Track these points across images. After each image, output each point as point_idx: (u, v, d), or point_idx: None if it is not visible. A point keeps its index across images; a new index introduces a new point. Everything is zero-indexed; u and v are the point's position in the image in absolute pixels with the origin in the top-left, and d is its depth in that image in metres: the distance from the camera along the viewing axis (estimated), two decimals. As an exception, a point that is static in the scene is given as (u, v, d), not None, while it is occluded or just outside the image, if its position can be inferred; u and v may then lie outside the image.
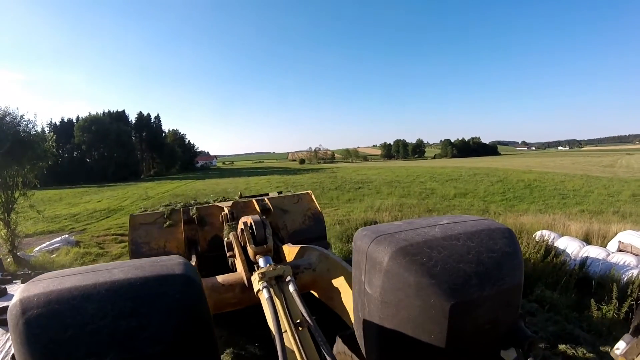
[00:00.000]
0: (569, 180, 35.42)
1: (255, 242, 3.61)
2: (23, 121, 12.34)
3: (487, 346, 1.73)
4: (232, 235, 4.22)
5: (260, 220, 3.76)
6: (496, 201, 24.89)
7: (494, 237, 1.77)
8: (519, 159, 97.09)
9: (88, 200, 35.39)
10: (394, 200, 24.40)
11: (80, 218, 23.51)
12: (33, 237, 17.40)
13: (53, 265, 11.83)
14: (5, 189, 12.04)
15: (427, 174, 47.63)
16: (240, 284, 3.49)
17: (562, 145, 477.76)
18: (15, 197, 12.39)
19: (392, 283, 1.62)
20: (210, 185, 45.14)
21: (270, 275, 2.94)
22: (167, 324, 1.45)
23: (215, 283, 3.54)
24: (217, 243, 5.89)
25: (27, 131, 12.41)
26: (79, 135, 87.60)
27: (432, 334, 1.57)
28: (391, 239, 1.72)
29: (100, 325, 1.35)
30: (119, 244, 15.08)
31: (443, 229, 1.80)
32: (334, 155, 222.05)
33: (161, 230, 6.11)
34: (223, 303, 3.47)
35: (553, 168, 51.96)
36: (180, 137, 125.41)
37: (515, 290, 1.73)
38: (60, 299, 1.36)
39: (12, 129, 11.80)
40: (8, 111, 12.00)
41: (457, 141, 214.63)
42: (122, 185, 58.79)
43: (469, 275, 1.59)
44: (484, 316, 1.63)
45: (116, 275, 1.50)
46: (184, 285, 1.55)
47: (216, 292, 3.44)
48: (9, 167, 11.83)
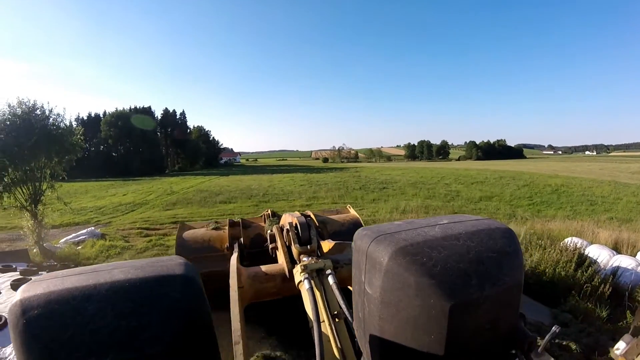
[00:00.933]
0: (597, 186, 34.87)
1: (300, 242, 3.79)
2: (52, 115, 12.47)
3: (487, 346, 1.71)
4: (275, 228, 4.46)
5: (305, 222, 3.95)
6: (523, 205, 24.60)
7: (494, 237, 1.75)
8: (545, 163, 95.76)
9: (113, 194, 35.89)
10: (419, 201, 24.25)
11: (106, 211, 23.85)
12: (59, 229, 17.69)
13: (79, 257, 11.90)
14: (32, 180, 12.16)
15: (451, 175, 47.22)
16: (281, 275, 3.66)
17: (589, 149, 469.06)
18: (42, 189, 12.52)
19: (392, 283, 1.61)
20: (233, 181, 45.34)
21: (312, 267, 3.11)
22: (167, 324, 1.45)
23: (258, 272, 3.75)
24: (259, 240, 6.18)
25: (56, 125, 12.54)
26: (106, 129, 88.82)
27: (432, 334, 1.55)
28: (391, 239, 1.70)
29: (100, 325, 1.35)
30: (144, 238, 15.17)
31: (443, 229, 1.78)
32: (357, 154, 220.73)
33: (207, 231, 6.53)
34: (263, 292, 3.66)
35: (580, 173, 51.07)
36: (204, 133, 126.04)
37: (515, 290, 1.71)
38: (60, 299, 1.36)
39: (40, 122, 11.92)
40: (37, 105, 12.11)
41: (482, 143, 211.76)
42: (147, 179, 59.49)
43: (469, 275, 1.57)
44: (484, 316, 1.61)
45: (116, 275, 1.51)
46: (184, 285, 1.56)
47: (257, 281, 3.65)
48: (37, 159, 11.97)
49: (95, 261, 11.53)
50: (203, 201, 26.52)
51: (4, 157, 11.13)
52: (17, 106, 11.63)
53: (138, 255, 12.45)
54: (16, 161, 11.40)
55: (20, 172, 11.72)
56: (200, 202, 26.01)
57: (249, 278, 3.70)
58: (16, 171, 11.64)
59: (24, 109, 11.70)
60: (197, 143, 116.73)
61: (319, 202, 25.55)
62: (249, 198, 27.87)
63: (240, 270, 3.76)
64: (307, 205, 23.93)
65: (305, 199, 26.99)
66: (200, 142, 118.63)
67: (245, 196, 28.83)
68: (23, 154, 11.37)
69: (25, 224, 12.25)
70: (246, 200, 26.68)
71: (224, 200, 26.90)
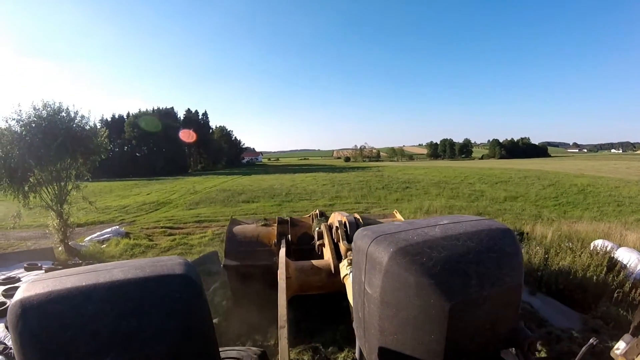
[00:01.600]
0: (624, 186, 34.08)
1: (349, 240, 3.84)
2: (77, 117, 12.58)
3: (487, 346, 1.72)
4: (324, 226, 4.58)
5: (354, 221, 4.10)
6: (548, 206, 24.21)
7: (494, 237, 1.77)
8: (570, 162, 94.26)
9: (137, 193, 36.44)
10: (443, 201, 24.03)
11: (130, 210, 24.17)
12: (84, 227, 18.02)
13: (103, 255, 12.06)
14: (58, 181, 12.31)
15: (475, 175, 46.66)
16: (327, 270, 3.81)
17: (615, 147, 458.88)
18: (68, 189, 12.67)
19: (392, 283, 1.63)
20: (256, 181, 45.51)
21: None
22: (167, 324, 1.46)
23: (304, 265, 3.92)
24: (307, 238, 6.31)
25: (81, 126, 12.66)
26: (129, 130, 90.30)
27: (432, 334, 1.57)
28: (391, 239, 1.72)
29: (100, 325, 1.36)
30: (168, 237, 15.30)
31: (443, 229, 1.80)
32: (379, 153, 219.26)
33: (256, 227, 6.80)
34: (309, 285, 3.80)
35: (606, 172, 49.99)
36: (227, 133, 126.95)
37: (515, 290, 1.73)
38: (60, 299, 1.36)
39: (65, 124, 12.02)
40: (62, 107, 12.23)
41: (505, 141, 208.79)
42: (170, 179, 60.12)
43: (469, 275, 1.59)
44: (484, 316, 1.63)
45: (116, 275, 1.50)
46: (184, 285, 1.56)
47: (304, 274, 3.81)
48: (63, 160, 12.10)
49: (119, 259, 11.57)
50: (226, 200, 26.65)
51: (29, 158, 11.27)
52: (42, 108, 11.76)
53: (162, 254, 12.51)
54: (42, 162, 11.52)
55: (46, 172, 11.86)
56: (223, 202, 26.14)
57: (296, 270, 3.84)
58: (42, 172, 11.78)
59: (48, 111, 11.82)
60: (219, 143, 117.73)
61: (342, 201, 25.41)
62: (272, 197, 27.91)
63: (288, 263, 3.86)
64: (330, 205, 23.80)
65: (328, 198, 26.88)
66: (222, 142, 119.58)
67: (267, 196, 28.87)
68: (49, 155, 11.47)
69: (51, 223, 12.44)
70: (269, 200, 26.71)
71: (246, 199, 26.99)
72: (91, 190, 36.33)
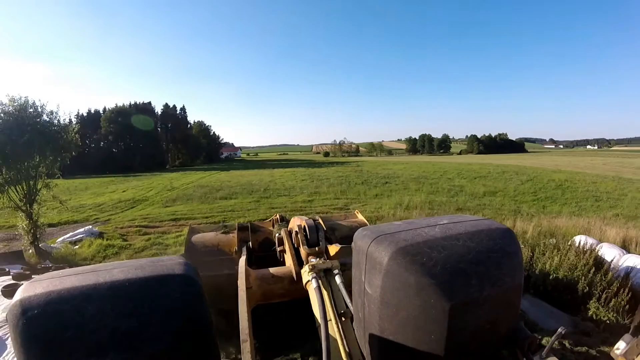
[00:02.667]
0: (601, 181, 34.75)
1: (308, 244, 3.81)
2: (45, 112, 12.13)
3: (487, 346, 1.73)
4: (284, 231, 4.42)
5: (314, 225, 3.99)
6: (527, 201, 24.46)
7: (494, 237, 1.77)
8: (548, 157, 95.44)
9: (113, 190, 35.61)
10: (423, 197, 24.02)
11: (105, 208, 23.60)
12: (57, 227, 17.55)
13: (75, 257, 11.67)
14: (27, 179, 11.82)
15: (454, 170, 46.94)
16: (289, 277, 3.72)
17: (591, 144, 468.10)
18: (37, 188, 12.18)
19: (392, 283, 1.63)
20: (234, 177, 45.04)
21: (319, 267, 3.12)
22: (167, 323, 1.46)
23: (265, 274, 3.81)
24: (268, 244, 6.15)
25: (50, 122, 12.21)
26: (106, 126, 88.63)
27: (432, 334, 1.57)
28: (391, 239, 1.72)
29: (100, 325, 1.36)
30: (143, 237, 14.94)
31: (443, 229, 1.80)
32: (358, 148, 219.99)
33: (216, 235, 6.54)
34: (271, 293, 3.72)
35: (583, 168, 50.86)
36: (205, 128, 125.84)
37: (515, 290, 1.74)
38: (60, 299, 1.36)
39: (32, 119, 11.57)
40: (29, 102, 11.75)
41: (483, 137, 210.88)
42: (147, 175, 59.29)
43: (469, 275, 1.59)
44: (484, 316, 1.63)
45: (116, 275, 1.50)
46: (184, 285, 1.57)
47: (266, 283, 3.71)
48: (31, 158, 11.64)
49: (92, 262, 11.27)
50: (203, 197, 26.17)
51: (-5, 156, 10.81)
52: (8, 104, 11.30)
53: (136, 255, 12.19)
54: (9, 160, 11.08)
55: (13, 171, 11.39)
56: (201, 198, 25.66)
57: (257, 279, 3.76)
58: (9, 170, 11.31)
59: (15, 107, 11.36)
60: (198, 138, 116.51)
61: (321, 197, 25.18)
62: (250, 194, 27.52)
63: (248, 272, 3.79)
64: (309, 200, 23.63)
65: (307, 194, 26.61)
66: (200, 138, 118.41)
67: (246, 192, 28.49)
68: (16, 153, 11.04)
69: (20, 224, 11.95)
70: (247, 196, 26.31)
71: (224, 196, 26.57)
72: (66, 188, 35.65)
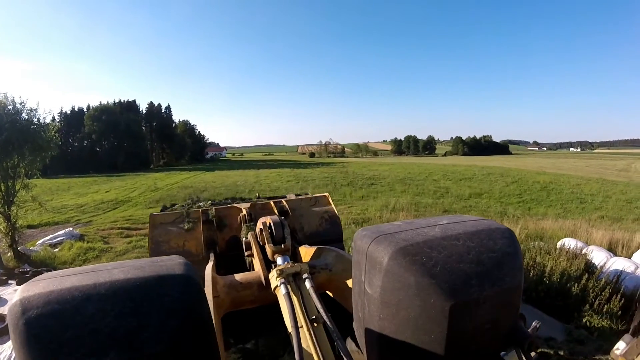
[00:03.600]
0: (585, 183, 35.40)
1: (274, 241, 3.74)
2: (24, 110, 11.79)
3: (487, 346, 1.72)
4: (251, 235, 4.29)
5: (279, 221, 3.92)
6: (513, 203, 24.70)
7: (494, 237, 1.77)
8: (531, 159, 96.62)
9: (96, 190, 35.16)
10: (409, 198, 24.08)
11: (87, 209, 23.24)
12: (37, 229, 17.16)
13: (55, 261, 11.37)
14: (5, 180, 11.47)
15: (439, 171, 47.22)
16: (257, 283, 3.59)
17: (574, 146, 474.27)
18: (16, 189, 11.82)
19: (392, 283, 1.63)
20: (219, 177, 44.81)
21: (288, 272, 3.01)
22: (167, 324, 1.45)
23: (233, 281, 3.66)
24: (235, 243, 5.97)
25: (29, 120, 11.85)
26: (89, 124, 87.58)
27: (432, 334, 1.57)
28: (391, 239, 1.71)
29: (100, 325, 1.34)
30: (125, 239, 14.65)
31: (443, 229, 1.80)
32: (344, 149, 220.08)
33: (180, 230, 6.19)
34: (240, 300, 3.58)
35: (567, 170, 51.81)
36: (190, 127, 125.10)
37: (515, 290, 1.72)
38: (60, 299, 1.36)
39: (11, 117, 11.23)
40: (8, 98, 11.42)
41: (468, 139, 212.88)
42: (131, 175, 58.65)
43: (469, 276, 1.59)
44: (484, 316, 1.62)
45: (116, 275, 1.50)
46: (184, 285, 1.55)
47: (234, 290, 3.57)
48: (9, 157, 11.29)
49: (71, 265, 10.98)
50: (188, 198, 25.64)
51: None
52: None
53: (117, 258, 11.92)
54: (-15, 161, 10.68)
55: (-11, 171, 11.00)
56: (185, 200, 25.15)
57: (225, 286, 3.61)
58: (-15, 171, 10.91)
59: None
60: (183, 138, 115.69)
61: (306, 199, 24.79)
62: (235, 195, 27.19)
63: (215, 280, 3.63)
64: (294, 202, 23.23)
65: (293, 195, 26.18)
66: (185, 137, 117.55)
67: (231, 193, 28.08)
68: (-7, 153, 10.65)
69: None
70: (232, 198, 25.83)
71: (209, 197, 25.98)
72: (48, 188, 35.12)
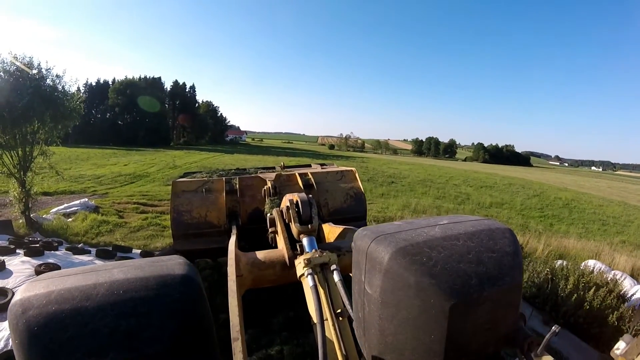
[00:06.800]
0: (607, 205, 34.80)
1: (301, 221, 3.59)
2: (50, 76, 11.54)
3: (487, 346, 1.67)
4: (276, 212, 4.14)
5: (307, 199, 3.73)
6: (534, 217, 24.28)
7: (494, 237, 1.74)
8: (552, 174, 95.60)
9: (115, 163, 35.27)
10: (429, 201, 23.80)
11: (104, 181, 23.21)
12: (52, 197, 17.14)
13: (67, 232, 11.15)
14: (24, 145, 11.24)
15: (460, 176, 46.66)
16: (281, 262, 3.52)
17: (596, 165, 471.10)
18: (33, 156, 11.61)
19: (392, 283, 1.60)
20: (238, 160, 44.72)
21: (315, 262, 2.92)
22: (167, 324, 1.44)
23: (256, 259, 3.58)
24: (258, 216, 6.02)
25: (53, 87, 11.58)
26: (113, 97, 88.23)
27: (432, 334, 1.53)
28: (391, 239, 1.68)
29: (100, 325, 1.34)
30: (140, 215, 14.44)
31: (443, 229, 1.78)
32: (364, 144, 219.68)
33: (203, 199, 6.19)
34: (262, 279, 3.53)
35: (589, 189, 51.05)
36: (213, 109, 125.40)
37: (515, 290, 1.68)
38: (60, 299, 1.36)
39: (35, 82, 10.95)
40: (32, 63, 11.16)
41: (490, 146, 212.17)
42: (150, 150, 59.09)
43: (469, 275, 1.55)
44: (484, 316, 1.58)
45: (116, 275, 1.50)
46: (184, 285, 1.54)
47: (257, 269, 3.50)
48: (30, 122, 11.05)
49: (83, 238, 10.75)
50: (210, 170, 25.56)
51: (-9, 118, 10.22)
52: (9, 63, 10.67)
53: (130, 234, 11.67)
54: (6, 124, 10.50)
55: (9, 135, 10.81)
56: (208, 169, 25.05)
57: (248, 264, 3.53)
58: (4, 134, 10.73)
59: (17, 66, 10.72)
60: (205, 118, 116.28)
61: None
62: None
63: (238, 257, 3.55)
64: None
65: (312, 186, 25.99)
66: (207, 118, 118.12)
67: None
68: (13, 116, 10.45)
69: (12, 192, 11.43)
70: (250, 184, 25.67)
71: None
72: (67, 156, 35.36)
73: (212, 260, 7.13)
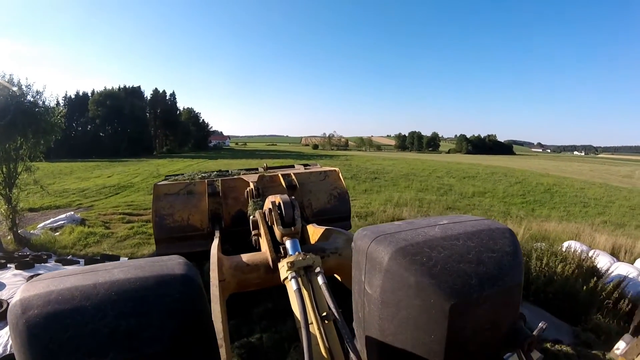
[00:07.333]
0: (589, 187, 35.36)
1: (284, 223, 3.55)
2: (30, 92, 11.61)
3: (487, 346, 1.72)
4: (258, 214, 4.12)
5: (289, 201, 3.70)
6: (516, 203, 24.66)
7: (494, 237, 1.78)
8: (535, 161, 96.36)
9: (98, 175, 35.05)
10: (412, 194, 24.00)
11: (89, 193, 23.08)
12: (39, 212, 17.07)
13: (55, 245, 11.24)
14: (8, 162, 11.30)
15: (443, 168, 47.00)
16: (265, 265, 3.52)
17: (578, 150, 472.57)
18: (18, 172, 11.67)
19: (392, 283, 1.63)
20: (222, 165, 44.45)
21: (299, 265, 2.90)
22: (166, 323, 1.45)
23: (239, 262, 3.58)
24: (241, 218, 5.94)
25: (34, 103, 11.65)
26: (94, 109, 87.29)
27: (432, 334, 1.57)
28: (391, 239, 1.72)
29: (100, 325, 1.35)
30: (126, 225, 14.47)
31: (443, 229, 1.81)
32: (347, 142, 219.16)
33: (185, 202, 6.17)
34: (246, 283, 3.53)
35: (571, 174, 51.55)
36: (194, 115, 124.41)
37: (515, 290, 1.73)
38: (60, 299, 1.36)
39: (16, 99, 11.02)
40: (13, 80, 11.22)
41: (472, 137, 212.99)
42: (134, 161, 58.60)
43: (469, 275, 1.59)
44: (484, 316, 1.63)
45: (116, 275, 1.51)
46: (184, 285, 1.55)
47: (240, 272, 3.50)
48: (13, 139, 11.11)
49: (72, 250, 10.89)
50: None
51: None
52: None
53: (117, 243, 11.81)
54: (-11, 142, 10.54)
55: (-7, 153, 10.84)
56: (190, 171, 25.06)
57: (231, 268, 3.53)
58: (-12, 153, 10.76)
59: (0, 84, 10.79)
60: (187, 125, 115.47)
61: (309, 191, 24.73)
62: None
63: (221, 261, 3.55)
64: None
65: (296, 187, 26.11)
66: (189, 125, 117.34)
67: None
68: (-3, 134, 10.51)
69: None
70: (234, 187, 25.75)
71: (211, 184, 26.02)
72: (50, 171, 35.06)
73: (196, 265, 7.23)
